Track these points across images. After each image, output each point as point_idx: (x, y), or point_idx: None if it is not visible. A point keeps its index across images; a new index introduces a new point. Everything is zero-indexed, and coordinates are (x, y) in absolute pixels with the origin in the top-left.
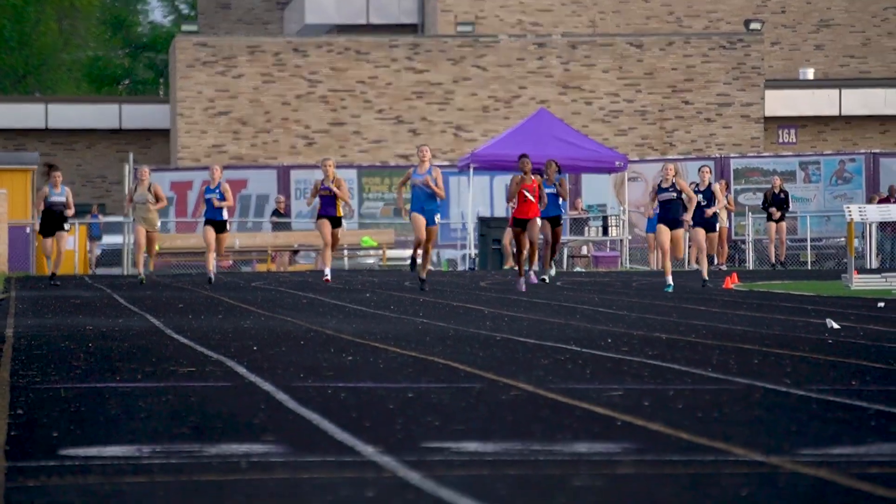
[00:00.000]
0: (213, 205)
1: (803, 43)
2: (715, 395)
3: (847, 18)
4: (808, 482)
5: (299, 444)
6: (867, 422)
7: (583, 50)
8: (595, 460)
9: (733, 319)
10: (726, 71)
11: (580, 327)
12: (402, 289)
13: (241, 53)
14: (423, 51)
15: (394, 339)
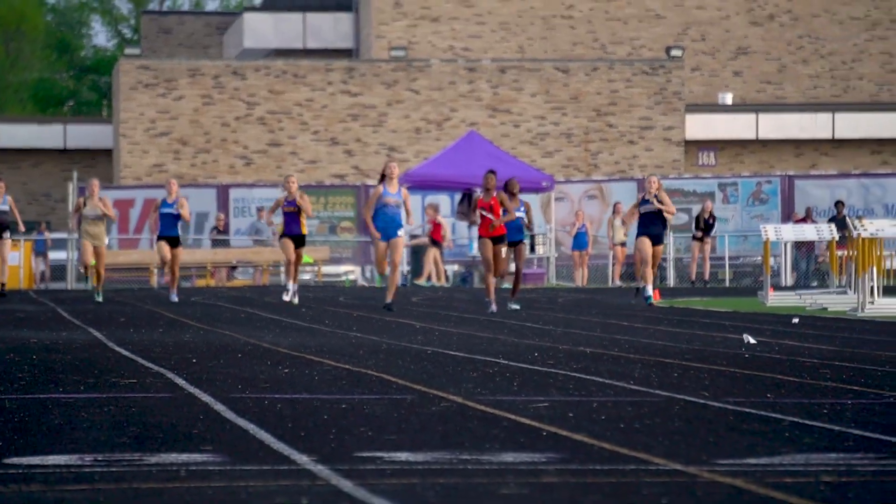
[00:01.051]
0: (173, 218)
1: (722, 69)
2: (636, 406)
3: (763, 46)
4: (725, 491)
5: (237, 454)
6: (781, 433)
7: (511, 74)
8: (521, 469)
9: (655, 334)
10: (648, 95)
11: (508, 341)
12: (337, 304)
13: (182, 76)
14: (358, 75)
15: (328, 353)
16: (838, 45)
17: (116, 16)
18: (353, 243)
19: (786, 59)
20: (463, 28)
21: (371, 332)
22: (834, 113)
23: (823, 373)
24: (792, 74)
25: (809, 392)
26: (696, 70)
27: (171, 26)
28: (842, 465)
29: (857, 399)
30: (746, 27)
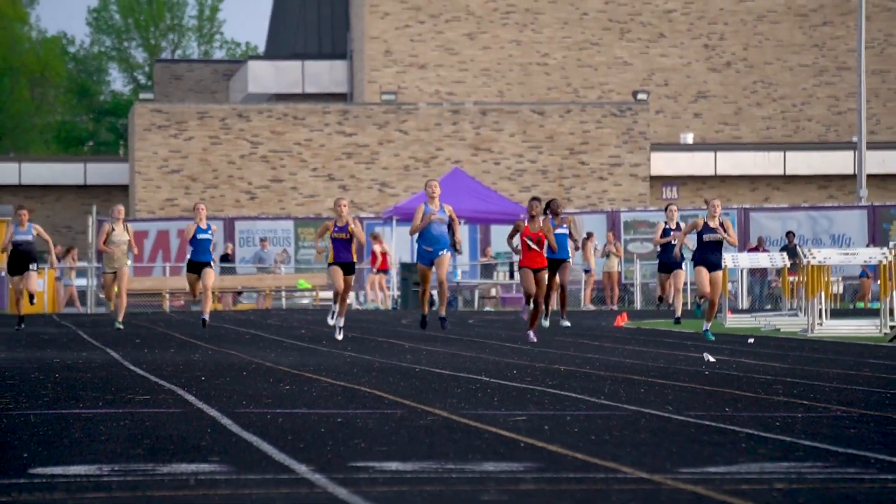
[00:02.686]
0: (207, 242)
1: (683, 111)
2: (606, 420)
3: (721, 90)
4: (687, 497)
5: (241, 464)
6: (739, 444)
7: (492, 116)
8: (501, 478)
9: (623, 353)
10: (617, 135)
11: (489, 360)
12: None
13: (192, 118)
14: (352, 116)
15: (325, 371)
16: (789, 90)
17: (132, 64)
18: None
19: (741, 102)
20: (448, 74)
21: (364, 352)
22: (785, 151)
23: (776, 388)
24: (747, 116)
25: (764, 406)
26: (660, 112)
27: (181, 73)
28: (793, 473)
29: (807, 413)
30: (706, 73)
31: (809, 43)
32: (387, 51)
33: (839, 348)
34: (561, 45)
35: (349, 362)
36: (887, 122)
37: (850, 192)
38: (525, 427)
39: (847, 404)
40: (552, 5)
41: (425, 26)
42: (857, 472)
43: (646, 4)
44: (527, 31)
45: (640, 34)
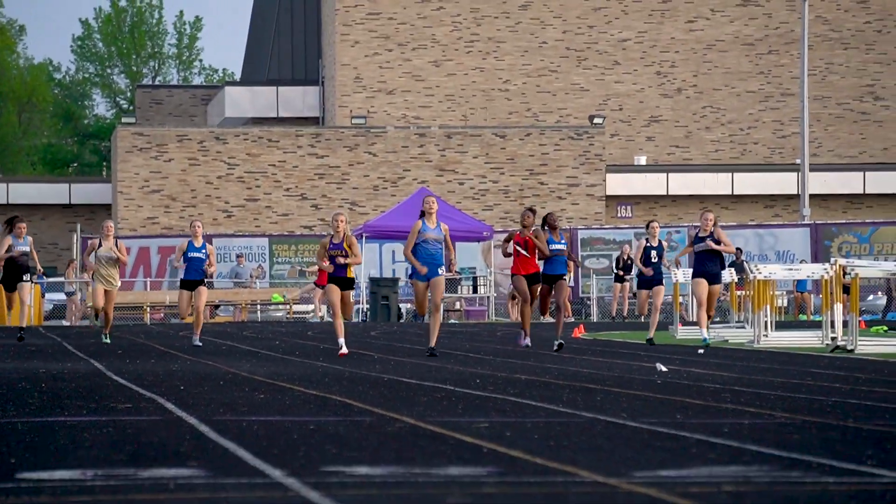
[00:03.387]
0: (200, 262)
1: (637, 135)
2: (564, 426)
3: (672, 115)
4: (641, 499)
5: (218, 469)
6: (689, 449)
7: (456, 139)
8: (465, 482)
9: (580, 363)
10: (574, 157)
11: (454, 370)
12: (306, 337)
13: (171, 141)
14: (324, 139)
15: (298, 380)
16: (736, 115)
17: (115, 89)
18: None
19: (692, 126)
20: (414, 99)
21: (335, 363)
22: (733, 173)
23: (724, 396)
24: (697, 139)
25: (713, 413)
26: (615, 135)
27: (161, 98)
28: (740, 476)
29: (753, 419)
30: (658, 99)
31: (755, 70)
32: (357, 77)
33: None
34: (521, 72)
35: (321, 372)
36: (828, 145)
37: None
38: (487, 433)
39: (791, 411)
40: (513, 34)
41: (393, 54)
42: (800, 475)
43: (601, 34)
44: (489, 59)
45: (596, 62)
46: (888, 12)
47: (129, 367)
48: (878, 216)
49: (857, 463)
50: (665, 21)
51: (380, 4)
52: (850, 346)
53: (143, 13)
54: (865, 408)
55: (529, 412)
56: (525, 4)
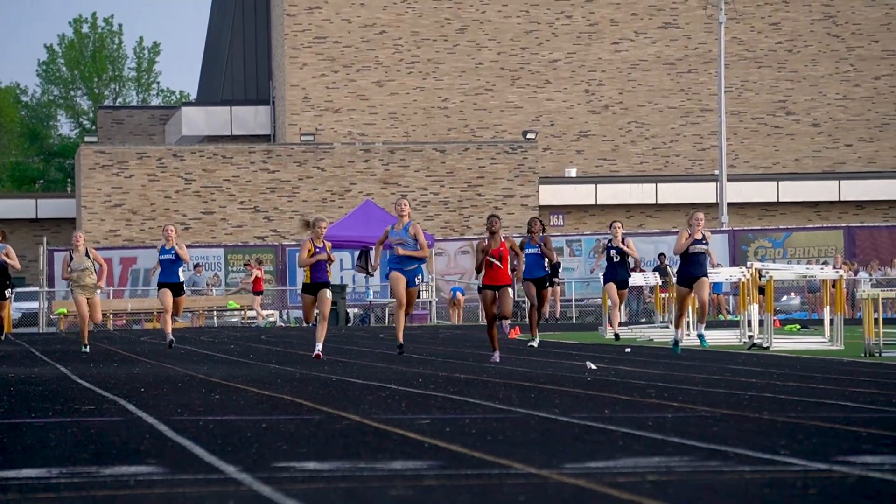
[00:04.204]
0: (171, 263)
1: (567, 148)
2: (501, 422)
3: (600, 130)
4: (570, 489)
5: (176, 466)
6: (616, 441)
7: (399, 154)
8: (407, 475)
9: (516, 363)
10: (509, 170)
11: (398, 370)
12: (259, 341)
13: (132, 159)
14: (275, 155)
15: (252, 382)
16: (659, 129)
17: (78, 110)
18: (273, 292)
19: (618, 140)
20: (359, 117)
21: (287, 364)
22: (657, 183)
23: (649, 392)
24: (623, 152)
25: (638, 408)
26: (547, 149)
27: (122, 118)
28: (663, 466)
29: (676, 413)
30: (587, 115)
31: (676, 88)
32: (305, 97)
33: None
34: (459, 90)
35: (273, 374)
36: (744, 157)
37: (713, 219)
38: (429, 429)
39: (711, 405)
40: (451, 56)
41: (339, 75)
42: (719, 464)
43: (533, 55)
44: (429, 79)
45: (529, 81)
46: (798, 34)
47: (93, 370)
48: (790, 223)
49: (771, 453)
50: (592, 43)
51: (326, 29)
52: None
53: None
54: (779, 401)
55: (468, 409)
56: (462, 28)
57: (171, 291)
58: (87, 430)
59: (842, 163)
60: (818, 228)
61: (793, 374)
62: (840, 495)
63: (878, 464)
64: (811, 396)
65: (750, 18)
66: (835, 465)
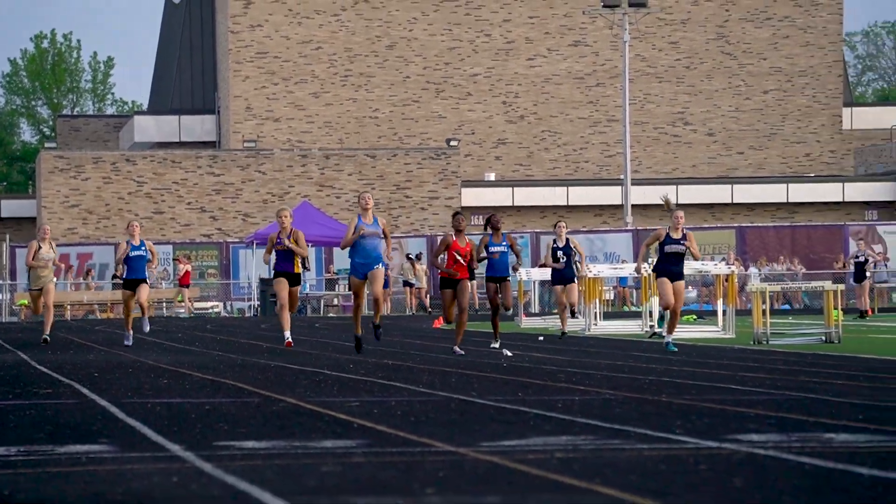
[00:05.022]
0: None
1: (487, 155)
2: (423, 404)
3: (517, 138)
4: (486, 465)
5: (125, 445)
6: (528, 422)
7: (333, 160)
8: (338, 452)
9: (438, 350)
10: (434, 174)
11: (331, 357)
12: (205, 330)
13: (88, 163)
14: (220, 160)
15: (197, 367)
16: (570, 137)
17: (38, 119)
18: (217, 285)
19: (533, 147)
20: (297, 125)
21: (230, 352)
22: (568, 186)
23: (559, 377)
24: (538, 159)
25: (549, 391)
26: (469, 155)
27: (79, 126)
28: (570, 445)
29: (582, 396)
30: (504, 124)
31: (585, 100)
32: (247, 107)
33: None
34: (389, 102)
35: (216, 360)
36: (647, 163)
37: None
38: (358, 411)
39: (614, 388)
40: (381, 70)
41: (279, 87)
42: (620, 442)
43: (456, 69)
44: (361, 91)
45: (452, 93)
46: (694, 52)
47: (51, 357)
48: (688, 223)
49: (667, 432)
50: (509, 59)
51: (267, 45)
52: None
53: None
54: (676, 385)
55: (394, 392)
56: (391, 45)
57: (136, 285)
58: (43, 412)
59: (734, 169)
60: (713, 228)
61: (689, 360)
62: (728, 470)
63: (762, 441)
64: (705, 381)
65: (651, 37)
66: (724, 443)
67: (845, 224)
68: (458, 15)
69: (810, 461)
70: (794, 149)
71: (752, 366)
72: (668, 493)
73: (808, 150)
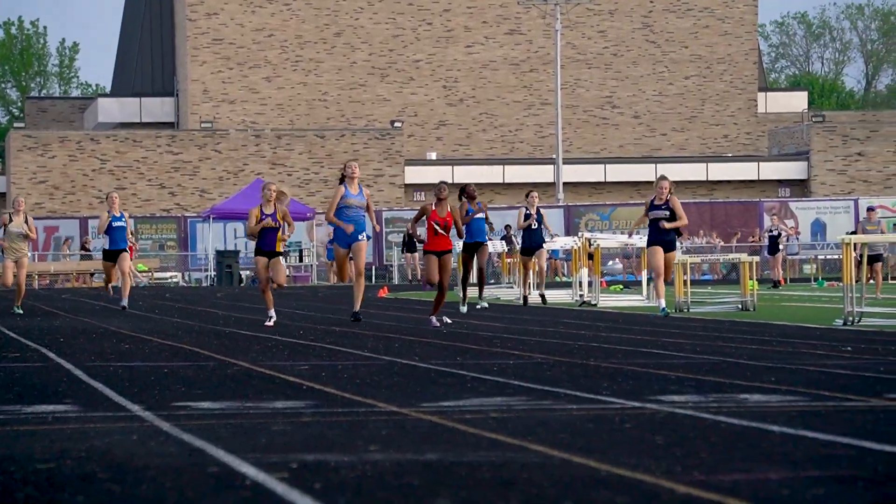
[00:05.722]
0: (126, 236)
1: (429, 135)
2: (368, 368)
3: (456, 120)
4: (426, 424)
5: (89, 405)
6: (465, 384)
7: (285, 139)
8: (288, 412)
9: (383, 317)
10: (379, 153)
11: (282, 323)
12: (164, 299)
13: (55, 142)
14: (178, 140)
15: (156, 333)
16: (506, 120)
17: (8, 100)
18: (176, 256)
19: (472, 129)
20: (251, 108)
21: (187, 319)
22: (504, 165)
23: (495, 342)
24: (476, 139)
25: (485, 356)
26: (411, 136)
27: (46, 107)
28: (504, 405)
29: (517, 360)
30: (445, 107)
31: (520, 85)
32: (204, 90)
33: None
34: (337, 85)
35: (175, 326)
36: (577, 143)
37: (552, 196)
38: (307, 374)
39: (546, 353)
40: (329, 56)
41: (234, 72)
42: (551, 403)
43: (399, 56)
44: (311, 76)
45: (396, 78)
46: (621, 40)
47: (19, 323)
48: (616, 200)
49: (595, 393)
50: (449, 46)
51: (222, 32)
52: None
53: (30, 39)
54: (603, 350)
55: (341, 357)
56: (339, 32)
57: (117, 255)
58: (12, 375)
59: (658, 149)
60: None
61: (616, 326)
62: (651, 428)
63: (682, 402)
64: (630, 346)
65: (581, 27)
66: (647, 403)
67: (760, 200)
68: (401, 5)
69: (726, 420)
70: (713, 130)
71: (674, 332)
72: (594, 449)
73: (726, 131)
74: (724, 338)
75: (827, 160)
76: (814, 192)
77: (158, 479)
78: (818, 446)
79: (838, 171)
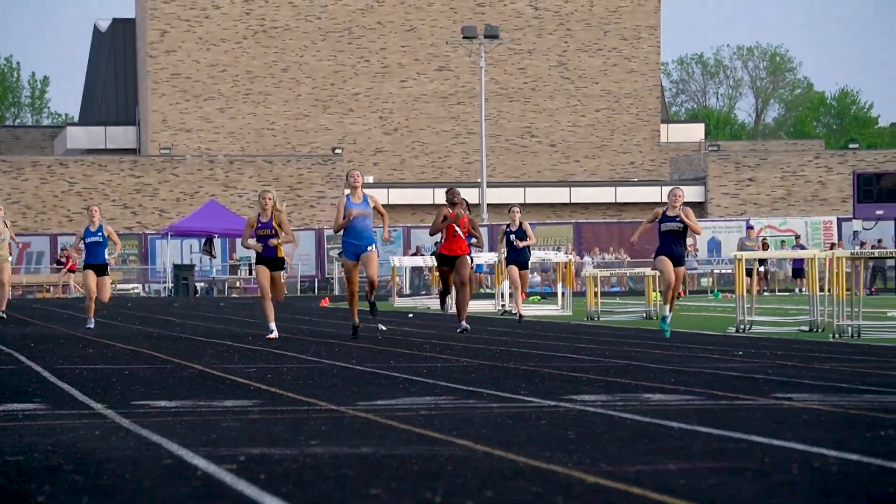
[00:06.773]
0: (98, 246)
1: (366, 161)
2: (310, 370)
3: (392, 147)
4: (361, 421)
5: (56, 404)
6: (398, 385)
7: (237, 164)
8: (237, 410)
9: (326, 325)
10: (322, 177)
11: (233, 330)
12: (126, 308)
13: (28, 166)
14: (140, 164)
15: (118, 339)
16: (436, 147)
17: None
18: (137, 270)
19: (405, 155)
20: (206, 136)
21: (147, 326)
22: (434, 188)
23: (425, 348)
24: (409, 165)
25: (416, 359)
26: (351, 161)
27: (20, 135)
28: (433, 404)
29: (444, 364)
30: (381, 136)
31: (449, 116)
32: (164, 120)
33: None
34: (284, 115)
35: (136, 333)
36: (500, 169)
37: (477, 216)
38: (255, 375)
39: (470, 357)
40: (277, 89)
41: (190, 103)
42: (475, 402)
43: (340, 89)
44: (260, 107)
45: (337, 109)
46: (539, 76)
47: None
48: (535, 219)
49: (514, 393)
50: (385, 80)
51: (180, 68)
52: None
53: (4, 73)
54: (522, 354)
55: (286, 360)
56: (285, 68)
57: (95, 272)
58: None
59: (572, 174)
60: (554, 223)
61: (534, 333)
62: (563, 424)
63: (592, 401)
64: (546, 350)
65: (503, 64)
66: (561, 402)
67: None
68: (341, 43)
69: (631, 417)
70: (620, 158)
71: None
72: (513, 443)
73: (633, 158)
74: (630, 343)
75: (721, 185)
76: (710, 213)
77: (118, 470)
78: (712, 440)
79: (731, 194)
